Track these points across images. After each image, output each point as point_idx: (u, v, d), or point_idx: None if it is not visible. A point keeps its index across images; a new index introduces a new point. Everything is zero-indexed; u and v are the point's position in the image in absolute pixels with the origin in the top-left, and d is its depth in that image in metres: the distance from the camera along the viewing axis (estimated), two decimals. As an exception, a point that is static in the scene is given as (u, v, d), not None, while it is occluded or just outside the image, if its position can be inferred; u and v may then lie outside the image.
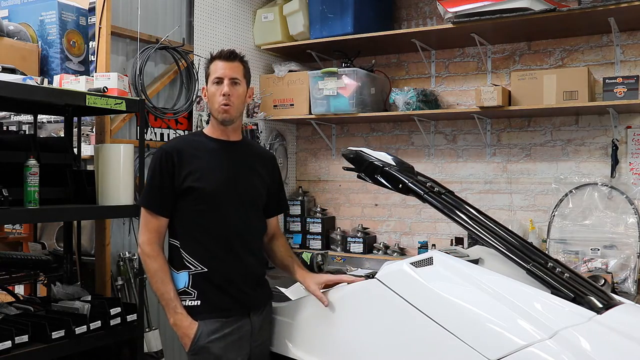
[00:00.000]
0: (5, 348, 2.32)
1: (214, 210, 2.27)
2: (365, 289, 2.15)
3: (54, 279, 3.14)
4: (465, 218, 2.21)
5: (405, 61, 4.55)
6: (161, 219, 2.30)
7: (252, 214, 2.38)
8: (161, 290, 2.24)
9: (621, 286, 3.49)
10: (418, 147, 4.49)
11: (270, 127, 4.68)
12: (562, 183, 3.91)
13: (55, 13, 3.04)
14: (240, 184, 2.33)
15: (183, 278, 2.26)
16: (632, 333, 1.81)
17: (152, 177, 2.32)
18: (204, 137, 2.40)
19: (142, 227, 2.31)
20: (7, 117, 3.77)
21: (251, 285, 2.32)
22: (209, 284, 2.24)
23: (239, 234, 2.30)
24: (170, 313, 2.23)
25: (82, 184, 2.96)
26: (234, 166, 2.35)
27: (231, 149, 2.38)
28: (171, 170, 2.26)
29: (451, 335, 1.85)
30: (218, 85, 2.32)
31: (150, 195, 2.31)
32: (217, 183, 2.28)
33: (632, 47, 3.81)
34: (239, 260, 2.29)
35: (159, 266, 2.25)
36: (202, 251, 2.26)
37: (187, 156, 2.29)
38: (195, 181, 2.26)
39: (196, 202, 2.27)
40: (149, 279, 2.30)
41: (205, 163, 2.30)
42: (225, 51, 2.36)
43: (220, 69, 2.32)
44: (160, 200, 2.29)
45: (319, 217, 4.66)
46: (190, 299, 2.25)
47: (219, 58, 2.35)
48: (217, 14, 4.23)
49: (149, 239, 2.27)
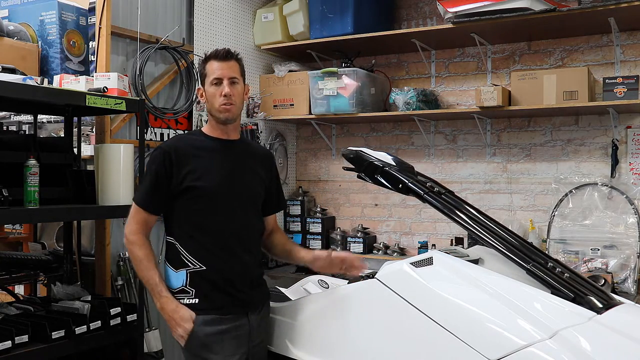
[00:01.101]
0: (5, 348, 2.32)
1: (212, 209, 2.27)
2: (365, 289, 2.15)
3: (54, 279, 3.14)
4: (465, 218, 2.21)
5: (405, 61, 4.55)
6: (152, 216, 2.32)
7: (250, 214, 2.39)
8: (146, 276, 2.25)
9: (621, 286, 3.49)
10: (418, 147, 4.49)
11: (270, 127, 4.68)
12: (562, 183, 3.91)
13: (55, 13, 3.04)
14: (239, 184, 2.34)
15: (181, 276, 2.26)
16: (632, 333, 1.81)
17: (149, 176, 2.32)
18: (202, 136, 2.40)
19: (131, 219, 2.32)
20: (7, 117, 3.77)
21: (249, 285, 2.32)
22: (207, 282, 2.24)
23: (238, 233, 2.31)
24: (156, 297, 2.24)
25: (82, 184, 2.96)
26: (233, 165, 2.35)
27: (230, 148, 2.38)
28: (169, 170, 2.26)
29: (451, 335, 1.85)
30: (217, 86, 2.31)
31: (145, 194, 2.32)
32: (216, 182, 2.28)
33: (632, 47, 3.81)
34: (237, 259, 2.29)
35: (144, 254, 2.25)
36: (201, 249, 2.26)
37: (186, 155, 2.28)
38: (195, 180, 2.26)
39: (195, 201, 2.27)
40: (135, 266, 2.31)
41: (204, 162, 2.30)
42: (220, 51, 2.35)
43: (217, 69, 2.31)
44: (155, 200, 2.30)
45: (319, 217, 4.66)
46: (189, 297, 2.24)
47: (215, 58, 2.33)
48: (217, 14, 4.23)
49: (136, 229, 2.29)
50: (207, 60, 2.36)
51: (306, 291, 2.66)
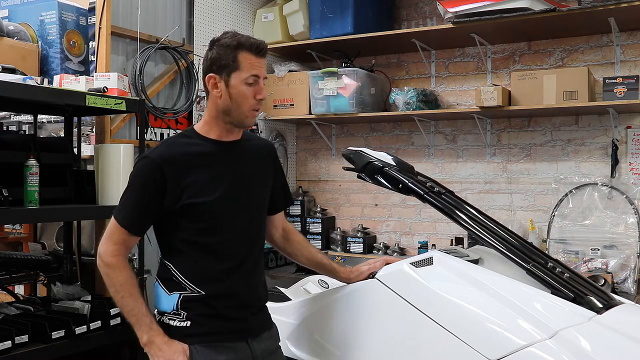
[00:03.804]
0: (5, 348, 2.32)
1: (217, 228, 1.95)
2: (365, 289, 2.15)
3: (54, 279, 3.14)
4: (465, 218, 2.21)
5: (405, 61, 4.55)
6: (133, 237, 1.97)
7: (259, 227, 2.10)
8: (130, 305, 1.91)
9: (621, 286, 3.49)
10: (418, 147, 4.49)
11: (270, 127, 4.68)
12: (562, 183, 3.91)
13: (55, 13, 3.04)
14: (245, 194, 2.02)
15: (173, 300, 1.95)
16: (632, 333, 1.81)
17: (135, 193, 1.94)
18: (197, 139, 2.00)
19: (108, 238, 1.94)
20: (7, 117, 3.77)
21: (252, 310, 2.03)
22: (203, 307, 1.93)
23: (243, 254, 2.00)
24: (144, 330, 1.90)
25: (82, 184, 2.96)
26: (236, 173, 2.01)
27: (230, 151, 2.03)
28: (161, 186, 1.89)
29: (451, 335, 1.85)
30: (251, 86, 1.93)
31: (128, 211, 1.93)
32: (220, 196, 1.95)
33: (632, 47, 3.81)
34: (241, 282, 1.99)
35: (124, 279, 1.92)
36: (201, 273, 1.94)
37: (180, 167, 1.91)
38: (194, 196, 1.91)
39: (196, 219, 1.93)
40: (113, 294, 1.95)
41: (204, 173, 1.95)
42: (258, 43, 1.94)
43: (255, 65, 1.93)
44: (140, 220, 1.95)
45: (319, 217, 4.66)
46: (179, 320, 1.93)
47: (252, 51, 1.92)
48: (217, 14, 4.23)
49: (114, 251, 1.92)
50: (239, 48, 1.91)
51: (306, 291, 2.66)
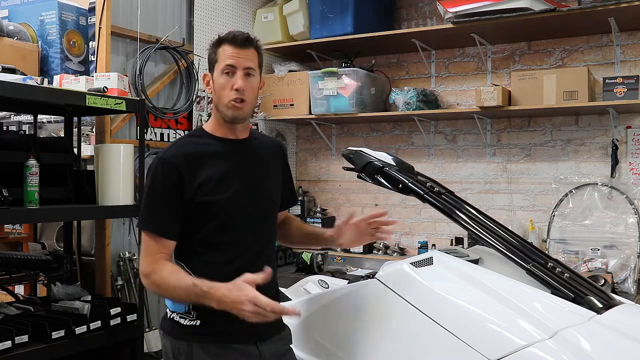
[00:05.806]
0: (5, 348, 2.32)
1: (230, 226, 1.94)
2: (365, 289, 2.15)
3: (54, 279, 3.14)
4: (465, 218, 2.21)
5: (405, 61, 4.55)
6: (169, 243, 1.89)
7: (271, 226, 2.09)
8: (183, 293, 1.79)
9: (621, 286, 3.49)
10: (418, 147, 4.49)
11: (270, 127, 4.68)
12: (562, 183, 3.91)
13: (55, 13, 3.04)
14: (257, 193, 2.01)
15: None
16: (632, 333, 1.80)
17: (155, 195, 1.90)
18: (208, 138, 2.00)
19: (144, 253, 1.88)
20: (7, 117, 3.77)
21: None
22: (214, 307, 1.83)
23: (256, 253, 1.99)
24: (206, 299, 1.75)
25: (82, 184, 2.96)
26: (248, 172, 2.01)
27: (241, 150, 2.02)
28: (179, 185, 1.88)
29: (451, 335, 1.85)
30: (228, 77, 1.92)
31: (155, 216, 1.89)
32: (233, 195, 1.93)
33: (632, 47, 3.81)
34: None
35: (168, 272, 1.83)
36: (213, 272, 1.86)
37: (194, 165, 1.91)
38: (208, 194, 1.90)
39: (209, 217, 1.91)
40: (170, 297, 1.88)
41: (216, 171, 1.93)
42: (238, 35, 1.93)
43: (232, 55, 1.91)
44: (168, 221, 1.89)
45: (319, 217, 4.66)
46: (190, 319, 1.91)
47: (231, 43, 1.92)
48: (217, 14, 4.23)
49: (150, 261, 1.86)
50: (219, 43, 1.94)
51: (306, 291, 2.66)
